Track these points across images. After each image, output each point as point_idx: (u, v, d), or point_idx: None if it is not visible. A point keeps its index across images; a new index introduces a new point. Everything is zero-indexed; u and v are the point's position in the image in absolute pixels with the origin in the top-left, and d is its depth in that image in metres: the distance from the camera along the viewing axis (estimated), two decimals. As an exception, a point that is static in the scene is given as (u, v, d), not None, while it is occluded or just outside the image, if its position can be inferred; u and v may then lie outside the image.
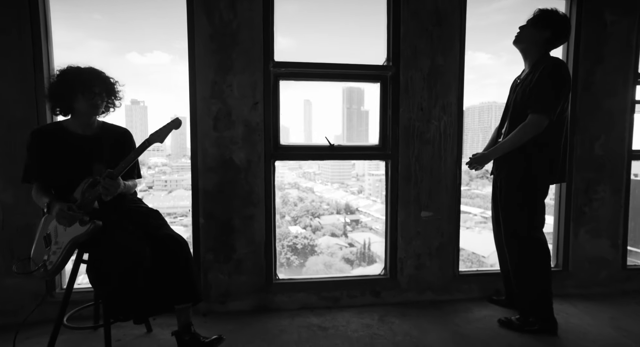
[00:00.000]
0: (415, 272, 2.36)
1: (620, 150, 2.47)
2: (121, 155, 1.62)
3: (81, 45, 15.32)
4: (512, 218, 1.97)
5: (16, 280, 1.99)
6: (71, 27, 11.59)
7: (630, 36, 2.40)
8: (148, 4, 6.05)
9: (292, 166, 10.76)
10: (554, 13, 1.84)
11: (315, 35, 15.17)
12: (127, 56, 18.20)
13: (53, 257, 1.50)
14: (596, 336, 1.92)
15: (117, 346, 1.77)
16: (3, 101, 1.93)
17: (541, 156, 1.87)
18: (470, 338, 1.90)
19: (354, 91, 11.83)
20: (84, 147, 1.65)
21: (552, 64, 1.83)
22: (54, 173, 1.62)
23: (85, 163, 1.63)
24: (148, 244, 1.56)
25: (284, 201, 9.57)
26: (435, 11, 2.24)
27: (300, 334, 1.93)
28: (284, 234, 8.54)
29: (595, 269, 2.50)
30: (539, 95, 1.79)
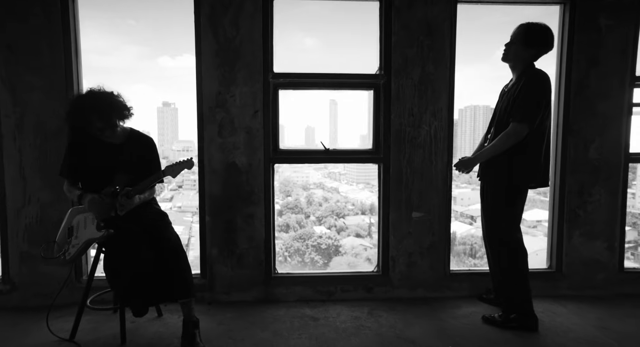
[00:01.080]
0: (406, 270, 2.48)
1: (617, 154, 2.48)
2: (143, 161, 1.87)
3: (116, 50, 16.41)
4: (494, 219, 2.07)
5: (50, 267, 2.30)
6: (108, 33, 12.43)
7: (626, 40, 2.40)
8: (176, 6, 6.39)
9: (317, 166, 10.77)
10: (538, 31, 1.91)
11: (313, 45, 15.46)
12: (159, 60, 19.14)
13: (72, 250, 1.77)
14: (577, 334, 1.98)
15: (132, 327, 2.03)
16: (40, 115, 2.25)
17: (522, 162, 1.94)
18: (452, 332, 2.02)
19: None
20: (110, 154, 1.88)
21: (534, 76, 1.92)
22: (81, 173, 1.89)
23: (110, 168, 1.87)
24: (152, 249, 1.78)
25: (309, 201, 9.59)
26: (426, 22, 2.36)
27: (293, 323, 2.11)
28: (308, 234, 8.53)
29: (591, 271, 2.52)
30: (520, 105, 1.88)
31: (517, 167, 1.95)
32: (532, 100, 1.87)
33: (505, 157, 1.95)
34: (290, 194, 9.47)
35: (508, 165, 1.96)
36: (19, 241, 2.29)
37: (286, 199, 9.22)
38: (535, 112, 1.87)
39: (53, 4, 2.20)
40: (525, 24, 1.93)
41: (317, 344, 1.89)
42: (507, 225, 2.03)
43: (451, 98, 2.43)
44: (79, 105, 1.78)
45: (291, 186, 9.68)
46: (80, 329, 1.94)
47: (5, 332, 1.99)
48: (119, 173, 1.85)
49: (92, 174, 1.88)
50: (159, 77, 19.33)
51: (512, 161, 1.95)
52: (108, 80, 1.90)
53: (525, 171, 1.96)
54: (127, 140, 1.94)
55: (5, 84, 2.20)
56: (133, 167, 1.89)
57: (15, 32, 2.19)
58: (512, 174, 1.96)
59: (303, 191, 9.70)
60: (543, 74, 1.93)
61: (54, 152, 2.27)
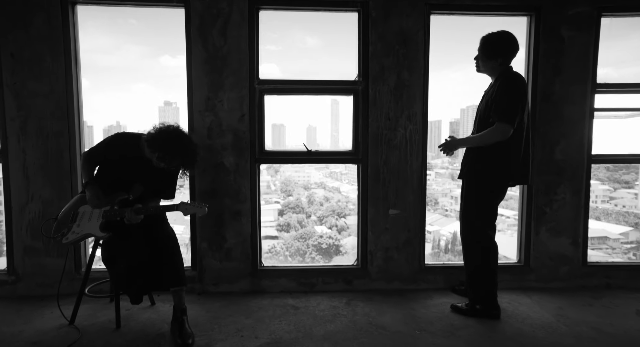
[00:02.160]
0: (383, 264, 2.66)
1: (580, 155, 2.65)
2: (163, 185, 2.07)
3: (119, 49, 16.56)
4: (469, 215, 2.23)
5: (54, 259, 2.48)
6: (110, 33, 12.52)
7: (587, 49, 2.58)
8: (170, 13, 6.65)
9: (318, 166, 10.67)
10: (494, 42, 2.08)
11: (297, 53, 15.60)
12: (160, 59, 19.23)
13: (71, 236, 1.94)
14: (533, 320, 2.16)
15: (126, 314, 2.20)
16: (42, 117, 2.42)
17: (499, 160, 2.09)
18: (420, 319, 2.19)
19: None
20: (140, 167, 2.02)
21: (509, 78, 2.08)
22: (107, 169, 2.05)
23: (133, 177, 2.03)
24: (147, 241, 1.96)
25: (310, 201, 9.61)
26: (401, 32, 2.54)
27: (275, 311, 2.29)
28: (309, 234, 8.54)
29: (556, 265, 2.70)
30: (502, 107, 2.02)
31: (494, 164, 2.09)
32: (511, 101, 2.02)
33: (483, 155, 2.11)
34: (292, 193, 9.55)
35: (486, 163, 2.11)
36: (23, 235, 2.47)
37: (287, 198, 9.27)
38: (515, 113, 2.02)
39: (54, 15, 2.38)
40: (484, 37, 2.11)
41: (295, 329, 2.07)
42: (481, 223, 2.19)
43: (425, 103, 2.60)
44: (171, 144, 1.88)
45: (292, 185, 9.77)
46: (78, 315, 2.11)
47: (11, 318, 2.16)
48: (137, 183, 2.03)
49: (115, 173, 2.03)
50: (160, 76, 19.42)
51: (490, 159, 2.09)
52: (110, 80, 2.09)
53: (502, 169, 2.10)
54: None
55: (10, 90, 2.38)
56: (151, 183, 2.05)
57: (19, 41, 2.37)
58: (489, 172, 2.11)
59: (304, 190, 9.77)
60: (519, 77, 2.10)
61: (55, 153, 2.45)
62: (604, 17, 2.58)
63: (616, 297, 2.50)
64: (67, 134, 2.46)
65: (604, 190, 8.53)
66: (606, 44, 2.62)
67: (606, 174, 8.65)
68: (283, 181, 9.75)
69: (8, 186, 2.44)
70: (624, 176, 8.48)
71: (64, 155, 2.46)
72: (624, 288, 2.67)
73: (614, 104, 2.77)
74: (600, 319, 2.18)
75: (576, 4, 2.54)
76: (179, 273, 1.98)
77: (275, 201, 9.08)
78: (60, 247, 2.35)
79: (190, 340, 1.87)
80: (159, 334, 1.99)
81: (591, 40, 2.57)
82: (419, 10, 2.53)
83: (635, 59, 4.05)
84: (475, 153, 2.15)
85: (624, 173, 8.49)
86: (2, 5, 2.34)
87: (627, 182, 8.36)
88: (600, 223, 7.94)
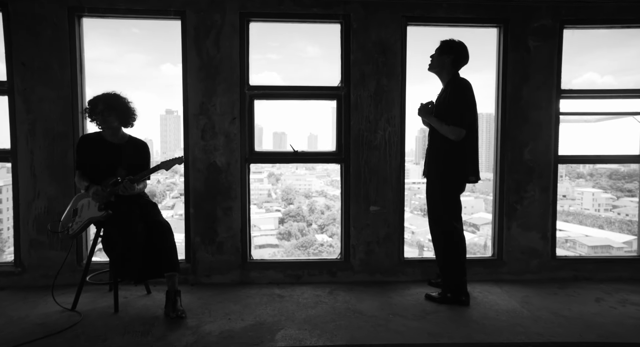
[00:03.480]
0: (365, 257, 2.84)
1: (547, 156, 2.85)
2: (138, 161, 2.30)
3: (121, 58, 17.00)
4: (435, 209, 2.43)
5: (57, 252, 2.67)
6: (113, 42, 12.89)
7: (551, 58, 2.79)
8: (167, 25, 6.82)
9: (319, 174, 10.93)
10: (453, 41, 2.34)
11: (298, 61, 16.01)
12: (162, 67, 19.61)
13: (75, 226, 2.15)
14: (500, 307, 2.34)
15: (124, 301, 2.39)
16: (49, 120, 2.63)
17: (457, 160, 2.31)
18: (395, 306, 2.37)
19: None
20: (113, 152, 2.30)
21: (459, 84, 2.31)
22: (89, 167, 2.29)
23: (112, 164, 2.28)
24: (144, 227, 2.17)
25: (311, 209, 9.70)
26: (380, 42, 2.76)
27: (262, 299, 2.47)
28: (309, 242, 8.66)
29: (527, 258, 2.88)
30: (456, 113, 2.25)
31: (454, 162, 2.31)
32: (463, 106, 2.25)
33: (443, 154, 2.32)
34: (293, 202, 9.63)
35: (445, 162, 2.33)
36: (29, 230, 2.66)
37: (288, 206, 9.35)
38: (467, 115, 2.25)
39: (62, 27, 2.61)
40: (443, 40, 2.37)
41: (279, 313, 2.25)
42: (448, 217, 2.39)
43: (403, 107, 2.81)
44: (97, 96, 2.27)
45: (293, 193, 9.83)
46: (80, 302, 2.30)
47: (18, 304, 2.35)
48: (119, 168, 2.27)
49: (97, 168, 2.28)
50: (161, 84, 19.76)
51: (449, 158, 2.31)
52: (113, 88, 2.34)
53: (461, 166, 2.31)
54: (126, 143, 2.37)
55: (20, 95, 2.59)
56: (130, 164, 2.30)
57: (30, 51, 2.59)
58: (450, 169, 2.32)
59: (305, 198, 9.79)
60: (466, 82, 2.32)
61: (60, 153, 2.65)
62: (566, 29, 2.80)
63: (580, 288, 2.68)
64: (72, 135, 2.66)
65: (606, 198, 8.66)
66: (612, 55, 2.83)
67: (609, 183, 8.77)
68: (284, 189, 9.84)
69: (17, 183, 2.64)
70: (627, 185, 8.55)
71: (68, 155, 2.67)
72: (590, 280, 2.85)
73: (584, 109, 2.99)
74: (560, 305, 2.36)
75: (540, 17, 2.76)
76: (173, 260, 2.18)
77: (276, 209, 9.13)
78: (67, 240, 2.54)
79: (182, 314, 2.08)
80: (153, 317, 2.17)
81: (555, 50, 2.79)
82: (397, 22, 2.75)
83: (634, 68, 4.25)
84: (436, 154, 2.36)
85: (626, 182, 8.57)
86: (16, 19, 2.57)
87: (630, 191, 8.38)
88: (604, 232, 8.03)
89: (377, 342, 1.90)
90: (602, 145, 3.09)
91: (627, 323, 2.11)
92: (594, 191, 9.52)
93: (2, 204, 7.45)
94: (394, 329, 2.03)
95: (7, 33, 2.58)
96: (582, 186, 9.23)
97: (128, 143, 2.37)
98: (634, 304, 2.39)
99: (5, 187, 7.51)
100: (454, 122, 2.24)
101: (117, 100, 2.29)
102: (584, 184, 9.25)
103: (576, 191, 9.23)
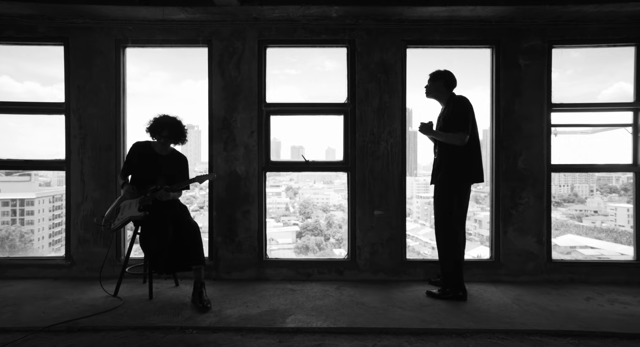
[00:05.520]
0: (370, 257, 3.10)
1: (540, 164, 3.06)
2: (176, 171, 2.68)
3: (146, 76, 18.14)
4: (440, 212, 2.66)
5: (100, 248, 3.07)
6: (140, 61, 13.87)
7: (541, 75, 3.04)
8: (195, 52, 7.36)
9: (337, 188, 10.82)
10: (439, 70, 2.67)
11: (316, 77, 16.54)
12: (183, 84, 20.65)
13: (117, 222, 2.55)
14: (492, 302, 2.54)
15: (156, 291, 2.74)
16: (96, 135, 3.09)
17: (464, 166, 2.56)
18: (395, 299, 2.61)
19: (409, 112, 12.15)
20: (157, 162, 2.67)
21: (457, 101, 2.59)
22: (134, 170, 2.67)
23: (154, 171, 2.65)
24: (173, 228, 2.52)
25: (329, 223, 9.63)
26: (382, 63, 3.09)
27: (276, 292, 2.77)
28: (327, 256, 8.38)
29: (523, 261, 3.06)
30: (457, 121, 2.53)
31: (458, 168, 2.55)
32: (461, 116, 2.53)
33: (449, 161, 2.57)
34: (310, 215, 9.61)
35: (450, 168, 2.57)
36: (78, 228, 3.09)
37: (306, 220, 9.31)
38: (467, 123, 2.52)
39: (109, 56, 3.08)
40: (431, 72, 2.70)
41: (290, 303, 2.54)
42: (454, 222, 2.61)
43: (404, 120, 3.11)
44: (164, 120, 2.62)
45: (311, 207, 9.84)
46: (120, 291, 2.67)
47: (70, 290, 2.75)
48: (159, 177, 2.64)
49: (140, 173, 2.65)
50: (183, 100, 20.73)
51: (454, 164, 2.56)
52: (138, 105, 2.73)
53: (465, 171, 2.56)
54: (169, 155, 2.73)
55: (75, 114, 3.07)
56: (169, 173, 2.67)
57: (83, 76, 3.08)
58: (454, 174, 2.56)
59: (323, 212, 9.77)
60: (464, 98, 2.60)
61: (104, 162, 3.09)
62: (554, 49, 3.05)
63: (575, 289, 2.84)
64: (115, 147, 3.10)
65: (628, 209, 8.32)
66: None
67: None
68: (302, 203, 9.88)
69: (69, 188, 3.09)
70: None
71: (111, 164, 3.10)
72: (586, 282, 3.00)
73: (580, 121, 3.19)
74: (550, 302, 2.54)
75: (529, 39, 3.03)
76: (200, 255, 2.52)
77: (293, 223, 9.15)
78: (108, 234, 2.96)
79: (208, 304, 2.39)
80: (182, 303, 2.51)
81: (544, 68, 3.04)
82: (397, 45, 3.08)
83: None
84: (443, 163, 2.61)
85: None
86: (74, 51, 3.07)
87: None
88: (622, 246, 7.77)
89: (374, 326, 2.15)
90: (600, 155, 3.27)
91: (610, 318, 2.27)
92: (629, 206, 9.02)
93: (34, 215, 8.19)
94: (391, 317, 2.28)
95: (67, 62, 3.08)
96: (615, 201, 8.88)
97: (170, 155, 2.73)
98: (622, 303, 2.54)
99: (38, 200, 8.27)
100: (457, 128, 2.51)
101: (181, 131, 2.65)
102: (618, 199, 8.92)
103: (609, 206, 8.88)
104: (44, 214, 8.41)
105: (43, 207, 8.40)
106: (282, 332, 2.10)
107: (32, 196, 8.27)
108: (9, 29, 3.06)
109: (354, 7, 2.86)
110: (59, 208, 8.39)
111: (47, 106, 3.14)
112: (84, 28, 3.07)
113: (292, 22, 3.07)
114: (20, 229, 7.81)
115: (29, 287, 2.83)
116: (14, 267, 3.09)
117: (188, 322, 2.19)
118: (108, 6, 2.82)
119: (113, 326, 2.14)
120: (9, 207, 8.31)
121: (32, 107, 3.15)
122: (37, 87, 13.79)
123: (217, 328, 2.13)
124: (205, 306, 2.39)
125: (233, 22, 3.07)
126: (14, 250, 6.93)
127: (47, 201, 8.53)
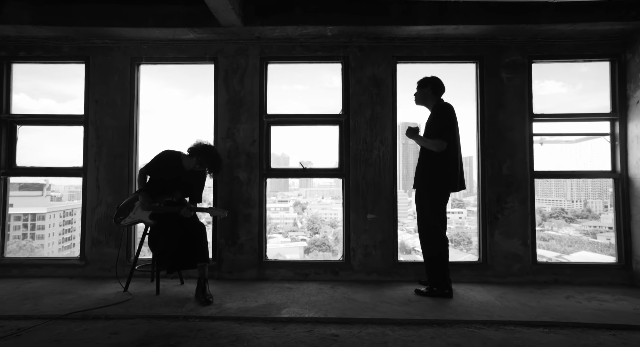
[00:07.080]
0: (363, 259, 3.29)
1: (524, 171, 3.25)
2: (194, 183, 2.87)
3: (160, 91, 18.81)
4: (422, 215, 2.85)
5: (112, 249, 3.31)
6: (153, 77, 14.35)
7: (522, 88, 3.26)
8: (202, 69, 7.70)
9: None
10: (424, 77, 2.86)
11: (324, 92, 16.95)
12: (193, 99, 21.26)
13: (127, 220, 2.78)
14: (476, 299, 2.70)
15: (163, 288, 2.95)
16: (111, 144, 3.37)
17: (442, 173, 2.74)
18: (385, 296, 2.78)
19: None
20: (179, 174, 2.86)
21: (441, 107, 2.80)
22: (156, 175, 2.87)
23: (174, 182, 2.85)
24: (181, 230, 2.74)
25: (337, 238, 8.91)
26: (374, 77, 3.35)
27: (274, 289, 2.96)
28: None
29: (510, 262, 3.21)
30: (437, 128, 2.73)
31: (437, 174, 2.74)
32: (442, 124, 2.73)
33: (429, 167, 2.76)
34: (318, 231, 9.49)
35: (431, 174, 2.76)
36: (92, 230, 3.34)
37: (314, 236, 9.20)
38: (447, 131, 2.71)
39: (125, 73, 3.39)
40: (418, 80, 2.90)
41: (286, 298, 2.73)
42: (434, 223, 2.81)
43: (394, 130, 3.34)
44: (209, 150, 2.81)
45: (319, 223, 9.73)
46: (129, 287, 2.89)
47: (84, 287, 2.97)
48: (177, 191, 2.85)
49: (161, 179, 2.85)
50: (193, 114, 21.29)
51: (434, 170, 2.75)
52: (151, 120, 2.99)
53: (444, 177, 2.74)
54: (193, 169, 2.88)
55: (93, 125, 3.36)
56: (186, 188, 2.88)
57: (102, 91, 3.38)
58: (434, 180, 2.76)
59: (331, 228, 9.44)
60: (447, 105, 2.81)
61: (118, 170, 3.36)
62: (534, 63, 3.29)
63: (558, 289, 2.98)
64: (127, 155, 3.38)
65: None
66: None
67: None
68: (309, 218, 9.81)
69: (85, 193, 3.36)
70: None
71: (124, 171, 3.37)
72: (570, 283, 3.13)
73: (564, 130, 3.39)
74: (531, 300, 2.69)
75: (510, 54, 3.27)
76: (205, 253, 2.74)
77: (301, 239, 9.00)
78: (118, 236, 3.19)
79: (210, 298, 2.60)
80: (186, 298, 2.72)
81: (525, 81, 3.26)
82: (388, 60, 3.34)
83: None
84: (423, 168, 2.82)
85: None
86: (94, 68, 3.39)
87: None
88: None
89: (362, 317, 2.33)
90: (584, 162, 3.45)
91: (584, 312, 2.42)
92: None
93: (44, 230, 8.48)
94: (379, 310, 2.46)
95: (87, 78, 3.40)
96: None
97: (193, 171, 2.88)
98: (599, 300, 2.68)
99: (49, 214, 8.58)
100: (436, 135, 2.71)
101: (219, 166, 2.84)
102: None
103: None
104: (54, 228, 8.68)
105: (54, 222, 8.68)
106: (276, 322, 2.29)
107: (43, 211, 8.55)
108: (38, 49, 3.40)
109: (347, 26, 3.14)
110: (69, 222, 8.67)
111: (68, 118, 3.45)
112: (103, 48, 3.39)
113: (291, 41, 3.36)
114: (31, 244, 8.08)
115: (47, 284, 3.06)
116: (33, 267, 3.34)
117: (191, 313, 2.39)
118: (126, 28, 3.15)
119: (124, 315, 2.35)
120: (21, 221, 8.59)
121: (55, 119, 3.46)
122: (52, 104, 14.32)
123: (217, 317, 2.33)
124: (207, 299, 2.59)
125: (237, 41, 3.37)
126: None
127: (58, 216, 8.80)
